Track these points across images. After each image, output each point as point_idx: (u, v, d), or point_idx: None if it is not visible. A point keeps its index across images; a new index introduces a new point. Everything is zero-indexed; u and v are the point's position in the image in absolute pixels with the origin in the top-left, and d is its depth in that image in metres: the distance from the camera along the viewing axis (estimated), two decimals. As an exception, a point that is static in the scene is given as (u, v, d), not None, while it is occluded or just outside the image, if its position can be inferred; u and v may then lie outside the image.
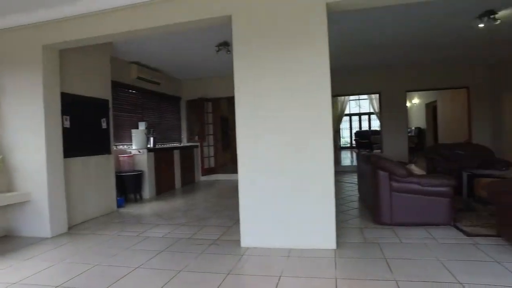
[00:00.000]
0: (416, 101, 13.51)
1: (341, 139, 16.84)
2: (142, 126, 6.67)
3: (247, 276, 2.75)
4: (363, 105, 17.33)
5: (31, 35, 4.00)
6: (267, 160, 3.34)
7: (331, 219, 3.22)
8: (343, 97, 12.49)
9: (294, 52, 3.27)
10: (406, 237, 3.46)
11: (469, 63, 7.82)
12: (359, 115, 17.72)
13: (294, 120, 3.28)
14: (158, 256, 3.22)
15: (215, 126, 9.13)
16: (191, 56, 6.45)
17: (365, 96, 14.49)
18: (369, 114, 17.09)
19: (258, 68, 3.35)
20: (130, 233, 4.07)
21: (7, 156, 4.13)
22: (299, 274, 2.70)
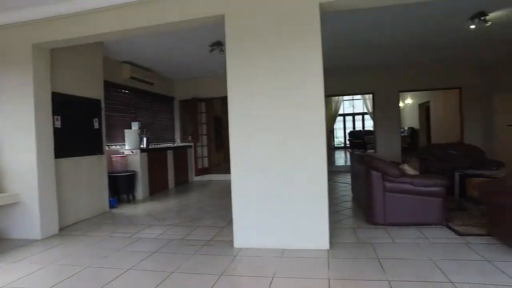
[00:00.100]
0: (409, 101, 13.60)
1: (335, 139, 16.92)
2: (135, 126, 6.61)
3: (240, 277, 2.73)
4: (357, 105, 17.41)
5: (20, 34, 3.93)
6: (259, 159, 3.33)
7: (324, 219, 3.22)
8: (337, 97, 12.57)
9: (287, 52, 3.26)
10: (399, 237, 3.48)
11: (461, 64, 7.89)
12: (353, 115, 17.80)
13: (287, 119, 3.28)
14: (150, 258, 3.19)
15: (209, 126, 9.10)
16: (184, 56, 6.42)
17: (359, 96, 14.57)
18: (362, 114, 17.17)
19: (251, 67, 3.34)
20: (122, 234, 4.03)
21: (-4, 156, 4.07)
22: (292, 274, 2.69)
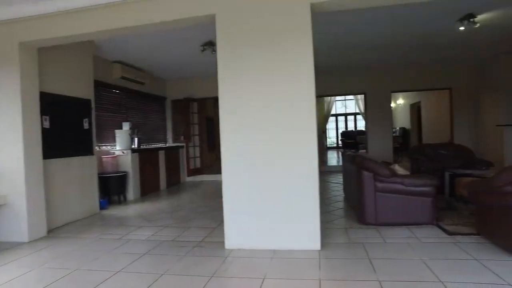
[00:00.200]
0: (401, 101, 13.71)
1: (328, 139, 16.97)
2: (126, 126, 6.54)
3: (230, 279, 2.71)
4: (349, 105, 17.50)
5: (6, 32, 3.85)
6: (250, 159, 3.32)
7: (316, 220, 3.22)
8: (329, 97, 12.59)
9: (279, 51, 3.25)
10: (390, 237, 3.50)
11: (452, 65, 7.98)
12: (345, 115, 17.88)
13: (277, 119, 3.27)
14: (140, 259, 3.16)
15: (201, 126, 9.05)
16: (176, 56, 6.37)
17: (351, 97, 14.63)
18: (355, 114, 17.25)
19: (242, 66, 3.33)
20: (112, 235, 3.98)
21: (-18, 157, 3.98)
22: (283, 276, 2.68)
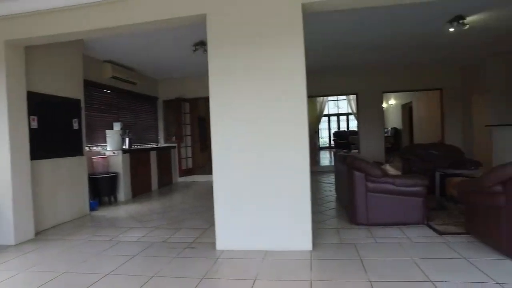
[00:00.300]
0: (392, 102, 13.82)
1: (320, 139, 17.03)
2: (117, 126, 6.47)
3: (221, 280, 2.69)
4: (342, 105, 17.59)
5: (-8, 30, 3.78)
6: (241, 159, 3.30)
7: (307, 220, 3.21)
8: (321, 98, 12.65)
9: (270, 51, 3.24)
10: (381, 237, 3.51)
11: (442, 66, 8.05)
12: (338, 115, 17.97)
13: (268, 119, 3.26)
14: (130, 261, 3.11)
15: (193, 126, 9.01)
16: (168, 56, 6.32)
17: (344, 97, 14.70)
18: (347, 114, 17.35)
19: (233, 66, 3.31)
20: (102, 237, 3.92)
21: (-32, 158, 3.89)
22: (274, 277, 2.67)
